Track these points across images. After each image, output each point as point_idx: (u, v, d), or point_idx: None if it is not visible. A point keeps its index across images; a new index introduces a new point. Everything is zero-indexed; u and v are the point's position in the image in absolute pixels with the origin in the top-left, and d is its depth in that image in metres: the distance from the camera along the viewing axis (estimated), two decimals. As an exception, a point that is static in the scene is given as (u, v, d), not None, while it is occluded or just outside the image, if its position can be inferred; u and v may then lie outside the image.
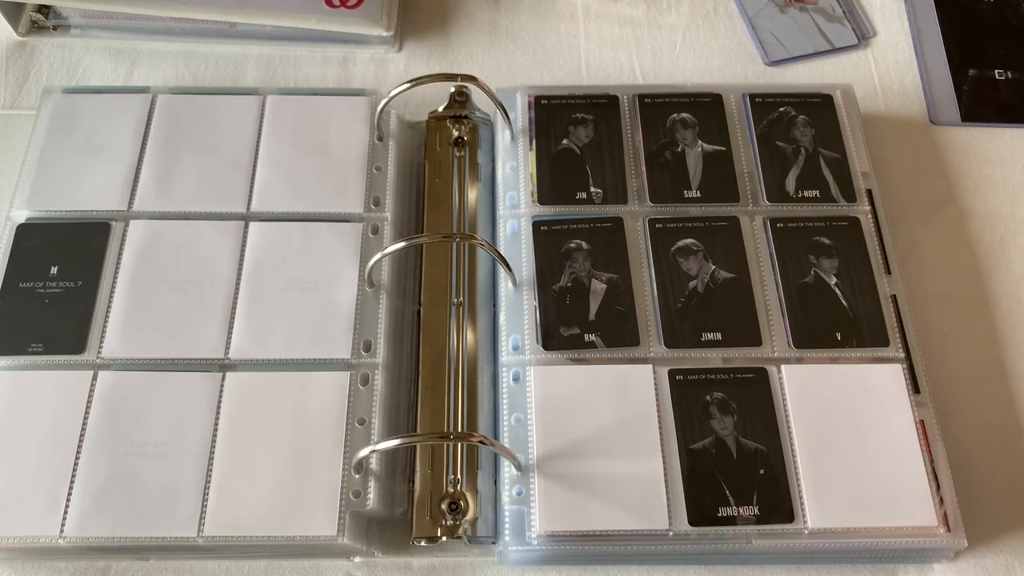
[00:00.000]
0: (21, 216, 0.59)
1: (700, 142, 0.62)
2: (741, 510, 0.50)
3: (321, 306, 0.56)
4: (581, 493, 0.50)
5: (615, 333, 0.55)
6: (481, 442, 0.49)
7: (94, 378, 0.53)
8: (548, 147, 0.62)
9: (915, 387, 0.55)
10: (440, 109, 0.66)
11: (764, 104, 0.64)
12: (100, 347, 0.54)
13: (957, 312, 0.62)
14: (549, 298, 0.56)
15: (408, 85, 0.59)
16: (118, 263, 0.57)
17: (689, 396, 0.53)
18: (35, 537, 0.49)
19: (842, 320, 0.56)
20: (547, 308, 0.56)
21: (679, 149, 0.62)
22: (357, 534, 0.51)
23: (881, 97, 0.71)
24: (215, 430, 0.52)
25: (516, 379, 0.54)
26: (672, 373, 0.54)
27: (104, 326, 0.55)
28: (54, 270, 0.57)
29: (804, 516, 0.50)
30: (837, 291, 0.57)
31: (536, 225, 0.59)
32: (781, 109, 0.63)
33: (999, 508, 0.54)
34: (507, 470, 0.52)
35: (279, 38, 0.72)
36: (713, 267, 0.57)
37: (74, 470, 0.51)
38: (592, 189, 0.60)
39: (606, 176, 0.61)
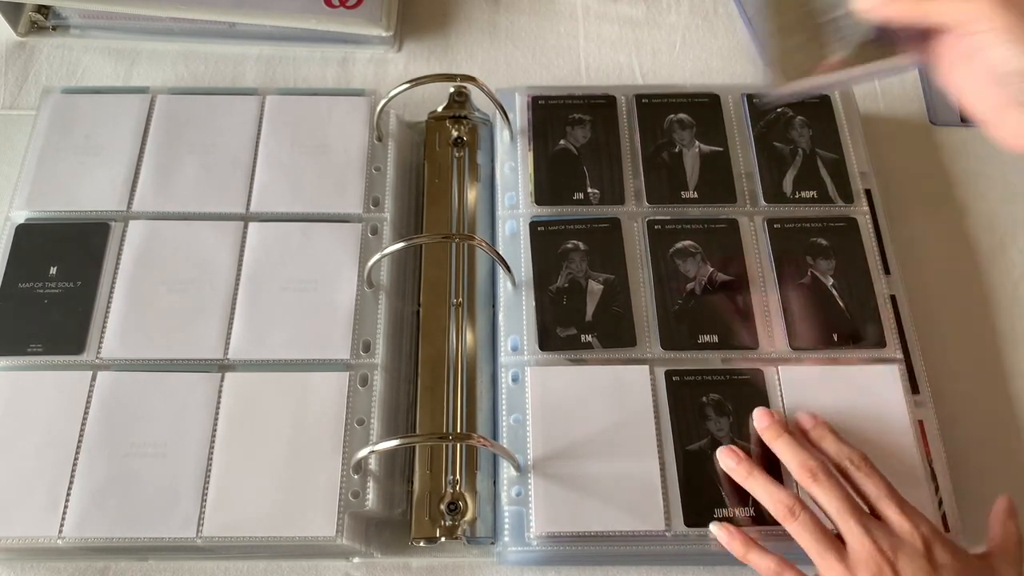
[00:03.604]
0: (20, 216, 0.59)
1: (697, 143, 0.62)
2: (737, 511, 0.50)
3: (320, 306, 0.56)
4: (579, 494, 0.50)
5: (612, 334, 0.55)
6: (480, 443, 0.49)
7: (93, 378, 0.54)
8: (546, 147, 0.62)
9: (914, 387, 0.55)
10: (439, 109, 0.66)
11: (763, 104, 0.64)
12: (99, 347, 0.55)
13: (956, 312, 0.62)
14: (546, 298, 0.56)
15: (408, 85, 0.59)
16: (117, 263, 0.57)
17: (685, 397, 0.53)
18: (34, 537, 0.50)
19: (839, 321, 0.56)
20: (543, 308, 0.56)
21: (676, 150, 0.62)
22: (356, 534, 0.51)
23: (881, 97, 0.71)
24: (214, 431, 0.52)
25: (515, 379, 0.54)
26: (669, 374, 0.54)
27: (103, 326, 0.55)
28: (53, 270, 0.57)
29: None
30: (834, 292, 0.57)
31: (533, 226, 0.59)
32: (779, 109, 0.63)
33: (997, 508, 0.54)
34: (506, 471, 0.52)
35: (279, 38, 0.72)
36: (711, 269, 0.57)
37: (73, 470, 0.51)
38: (589, 190, 0.60)
39: (603, 177, 0.61)
